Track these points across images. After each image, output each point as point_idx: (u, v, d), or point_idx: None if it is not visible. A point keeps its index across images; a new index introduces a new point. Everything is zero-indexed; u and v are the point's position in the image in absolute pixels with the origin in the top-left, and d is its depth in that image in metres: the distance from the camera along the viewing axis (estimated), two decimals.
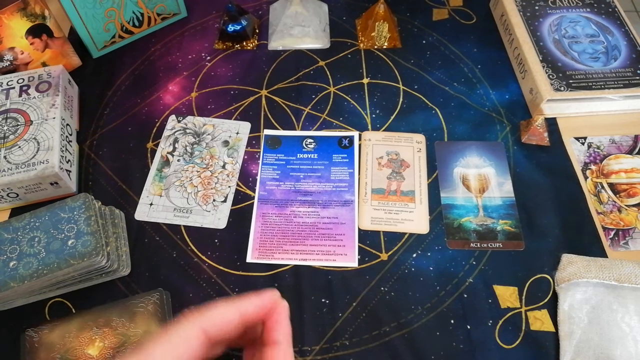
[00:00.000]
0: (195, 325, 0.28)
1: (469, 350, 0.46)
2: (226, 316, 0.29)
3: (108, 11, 0.64)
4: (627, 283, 0.46)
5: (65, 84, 0.59)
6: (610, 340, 0.45)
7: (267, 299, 0.31)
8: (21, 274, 0.44)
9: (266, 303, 0.31)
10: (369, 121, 0.61)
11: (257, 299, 0.30)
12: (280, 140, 0.60)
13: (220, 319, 0.29)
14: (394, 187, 0.56)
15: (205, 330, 0.29)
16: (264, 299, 0.31)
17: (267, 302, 0.31)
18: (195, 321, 0.29)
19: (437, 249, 0.52)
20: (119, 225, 0.52)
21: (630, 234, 0.52)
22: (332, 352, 0.46)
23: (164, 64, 0.67)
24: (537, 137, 0.58)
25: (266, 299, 0.31)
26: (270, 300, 0.31)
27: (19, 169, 0.51)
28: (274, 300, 0.31)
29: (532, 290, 0.49)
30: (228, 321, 0.29)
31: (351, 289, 0.49)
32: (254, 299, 0.30)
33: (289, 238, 0.52)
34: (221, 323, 0.29)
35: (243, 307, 0.30)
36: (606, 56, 0.61)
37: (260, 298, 0.31)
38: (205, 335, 0.29)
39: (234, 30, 0.68)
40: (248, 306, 0.30)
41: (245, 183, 0.57)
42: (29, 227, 0.46)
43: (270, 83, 0.65)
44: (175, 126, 0.61)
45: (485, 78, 0.65)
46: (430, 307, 0.48)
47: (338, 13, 0.72)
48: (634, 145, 0.58)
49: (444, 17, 0.71)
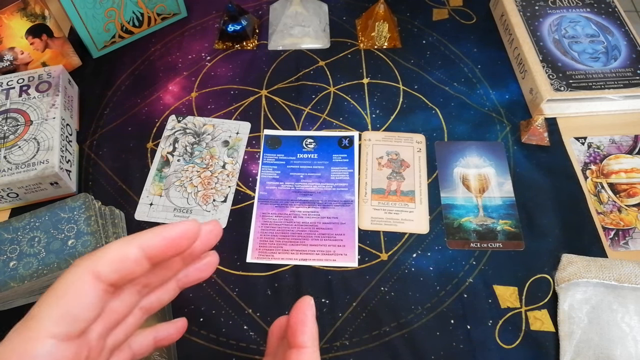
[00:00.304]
0: (85, 270, 0.23)
1: (469, 350, 0.46)
2: (121, 253, 0.24)
3: (108, 11, 0.64)
4: (627, 283, 0.46)
5: (65, 84, 0.59)
6: (610, 340, 0.45)
7: (177, 231, 0.25)
8: (21, 274, 0.44)
9: (175, 235, 0.25)
10: (369, 121, 0.61)
11: (164, 230, 0.25)
12: (280, 140, 0.60)
13: (114, 256, 0.24)
14: (394, 187, 0.56)
15: (98, 273, 0.23)
16: (174, 230, 0.25)
17: (176, 233, 0.25)
18: (84, 265, 0.23)
19: (437, 249, 0.52)
20: (119, 225, 0.52)
21: (630, 234, 0.52)
22: (332, 352, 0.46)
23: (164, 64, 0.67)
24: (537, 137, 0.58)
25: (176, 231, 0.25)
26: (182, 233, 0.25)
27: (19, 169, 0.51)
28: (188, 232, 0.26)
29: (532, 290, 0.49)
30: (125, 258, 0.24)
31: (351, 289, 0.49)
32: (160, 229, 0.25)
33: (289, 238, 0.52)
34: (116, 261, 0.24)
35: (144, 240, 0.25)
36: (606, 56, 0.61)
37: (169, 229, 0.25)
38: (99, 280, 0.23)
39: (234, 30, 0.68)
40: (150, 238, 0.25)
41: (245, 183, 0.57)
42: (29, 227, 0.46)
43: (270, 83, 0.65)
44: (175, 126, 0.61)
45: (485, 78, 0.65)
46: (430, 307, 0.48)
47: (338, 13, 0.72)
48: (634, 145, 0.58)
49: (444, 17, 0.71)
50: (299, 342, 0.27)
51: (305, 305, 0.28)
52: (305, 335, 0.27)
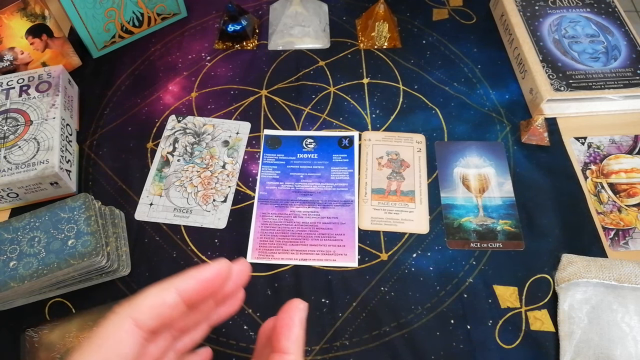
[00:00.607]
0: (124, 318, 0.24)
1: (469, 350, 0.46)
2: (159, 298, 0.25)
3: (108, 11, 0.64)
4: (627, 283, 0.46)
5: (65, 84, 0.59)
6: (610, 340, 0.45)
7: (210, 272, 0.26)
8: (21, 274, 0.44)
9: (209, 276, 0.26)
10: (369, 121, 0.61)
11: (198, 273, 0.26)
12: (280, 140, 0.60)
13: (152, 302, 0.24)
14: (394, 187, 0.56)
15: (137, 320, 0.24)
16: (207, 272, 0.26)
17: (210, 275, 0.26)
18: (124, 313, 0.24)
19: (437, 249, 0.52)
20: (119, 225, 0.52)
21: (630, 234, 0.52)
22: (332, 352, 0.46)
23: (164, 64, 0.67)
24: (537, 137, 0.58)
25: (209, 272, 0.26)
26: (215, 274, 0.26)
27: (19, 169, 0.51)
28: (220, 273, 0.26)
29: (532, 290, 0.49)
30: (163, 303, 0.25)
31: (351, 289, 0.49)
32: (194, 272, 0.26)
33: (289, 238, 0.52)
34: (155, 307, 0.24)
35: (181, 285, 0.25)
36: (606, 56, 0.61)
37: (202, 271, 0.26)
38: (138, 327, 0.24)
39: (234, 30, 0.68)
40: (185, 281, 0.25)
41: (245, 183, 0.57)
42: (29, 227, 0.46)
43: (270, 83, 0.65)
44: (175, 126, 0.61)
45: (485, 78, 0.65)
46: (430, 307, 0.48)
47: (338, 13, 0.72)
48: (634, 145, 0.58)
49: (444, 17, 0.71)
50: (282, 347, 0.26)
51: (293, 308, 0.27)
52: (288, 340, 0.26)
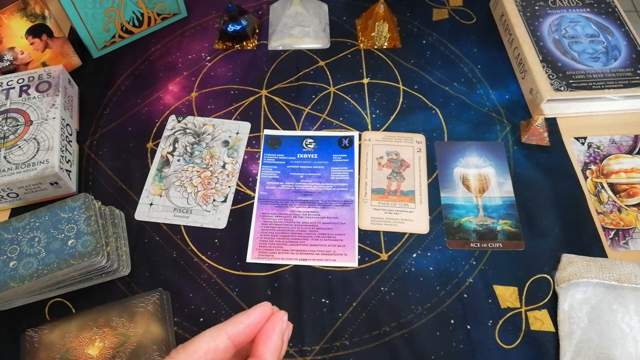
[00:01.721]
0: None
1: (469, 350, 0.46)
2: (213, 344, 0.27)
3: (108, 11, 0.64)
4: (627, 283, 0.46)
5: (65, 84, 0.59)
6: (610, 340, 0.45)
7: (256, 316, 0.29)
8: (21, 274, 0.44)
9: (256, 320, 0.29)
10: (369, 121, 0.61)
11: (245, 317, 0.28)
12: (280, 140, 0.60)
13: (208, 348, 0.27)
14: (394, 187, 0.56)
15: None
16: (253, 316, 0.29)
17: (257, 318, 0.29)
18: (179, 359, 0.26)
19: (437, 249, 0.52)
20: (119, 225, 0.52)
21: (630, 234, 0.52)
22: (332, 352, 0.46)
23: (164, 64, 0.67)
24: (537, 137, 0.58)
25: (255, 316, 0.29)
26: (261, 316, 0.29)
27: (19, 169, 0.51)
28: (265, 314, 0.29)
29: (532, 290, 0.49)
30: (217, 349, 0.27)
31: (351, 289, 0.49)
32: (242, 317, 0.28)
33: (289, 238, 0.52)
34: (210, 352, 0.27)
35: (232, 330, 0.28)
36: (606, 56, 0.61)
37: (249, 315, 0.29)
38: None
39: (234, 30, 0.68)
40: (237, 327, 0.28)
41: (245, 183, 0.57)
42: (29, 227, 0.46)
43: (270, 83, 0.65)
44: (175, 126, 0.61)
45: (485, 78, 0.65)
46: (430, 307, 0.48)
47: (338, 13, 0.72)
48: (634, 145, 0.58)
49: (444, 17, 0.71)
50: (259, 352, 0.28)
51: (276, 320, 0.29)
52: (266, 347, 0.28)
